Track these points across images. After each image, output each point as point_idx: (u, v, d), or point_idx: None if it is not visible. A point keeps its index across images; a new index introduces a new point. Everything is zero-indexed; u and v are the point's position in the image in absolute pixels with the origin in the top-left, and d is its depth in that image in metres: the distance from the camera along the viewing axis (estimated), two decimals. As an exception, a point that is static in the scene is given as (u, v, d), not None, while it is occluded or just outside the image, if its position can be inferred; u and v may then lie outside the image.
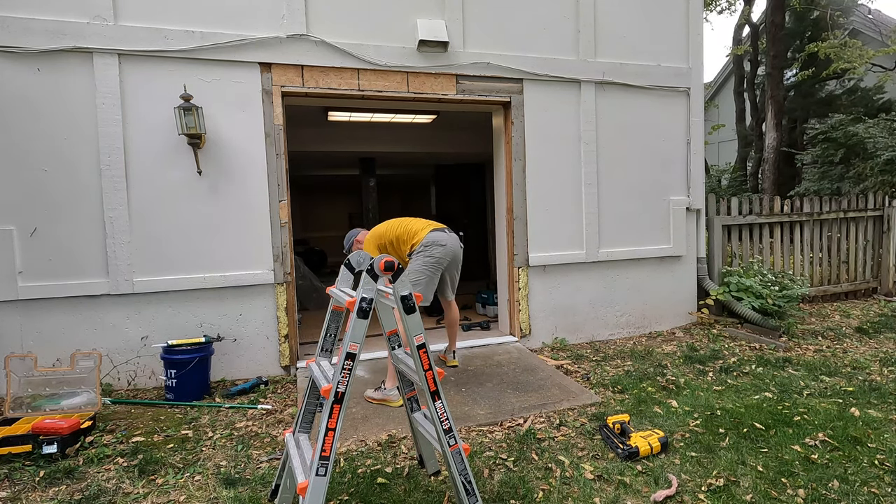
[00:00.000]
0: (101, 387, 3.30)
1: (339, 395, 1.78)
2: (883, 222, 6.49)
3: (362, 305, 1.82)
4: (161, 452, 2.74)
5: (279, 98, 3.95)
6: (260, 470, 2.56)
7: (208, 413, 3.30)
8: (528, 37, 4.54)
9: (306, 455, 1.90)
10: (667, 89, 5.01)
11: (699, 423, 2.94)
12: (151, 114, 3.68)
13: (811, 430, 2.80)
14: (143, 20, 3.64)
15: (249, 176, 3.92)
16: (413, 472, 2.49)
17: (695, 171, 5.17)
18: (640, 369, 3.93)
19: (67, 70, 3.53)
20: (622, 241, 4.95)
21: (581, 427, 2.95)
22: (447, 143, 7.61)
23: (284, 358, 4.05)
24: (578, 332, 4.84)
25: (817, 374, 3.74)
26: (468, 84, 4.41)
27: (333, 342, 2.17)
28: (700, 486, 2.33)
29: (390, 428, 2.96)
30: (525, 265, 4.64)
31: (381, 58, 4.12)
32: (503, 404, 3.26)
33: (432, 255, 3.45)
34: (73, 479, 2.49)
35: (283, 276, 4.00)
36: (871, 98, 11.03)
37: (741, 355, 4.22)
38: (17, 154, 3.48)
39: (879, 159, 7.69)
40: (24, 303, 3.53)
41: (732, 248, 5.66)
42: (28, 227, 3.52)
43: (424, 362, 1.92)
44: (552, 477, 2.43)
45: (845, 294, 6.40)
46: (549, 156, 4.67)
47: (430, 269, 3.45)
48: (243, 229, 3.92)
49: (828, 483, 2.31)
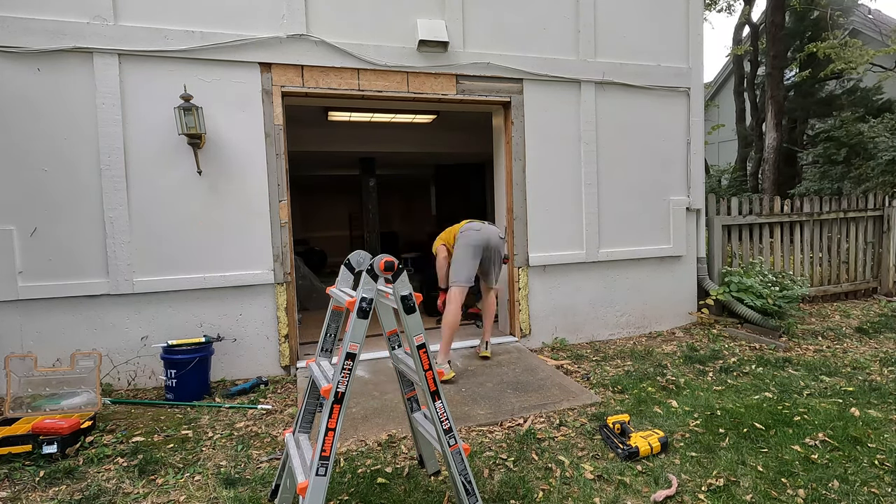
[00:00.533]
0: (101, 387, 3.30)
1: (339, 395, 1.78)
2: (883, 222, 6.49)
3: (362, 305, 1.82)
4: (161, 452, 2.74)
5: (279, 98, 3.95)
6: (260, 470, 2.56)
7: (208, 413, 3.30)
8: (528, 37, 4.54)
9: (306, 455, 1.90)
10: (667, 89, 5.01)
11: (699, 423, 2.94)
12: (151, 114, 3.68)
13: (811, 430, 2.80)
14: (143, 20, 3.64)
15: (249, 176, 3.92)
16: (413, 472, 2.48)
17: (695, 171, 5.17)
18: (640, 369, 3.93)
19: (67, 70, 3.53)
20: (622, 241, 4.95)
21: (581, 427, 2.95)
22: (447, 143, 7.61)
23: (284, 358, 4.05)
24: (578, 332, 4.84)
25: (817, 374, 3.74)
26: (468, 84, 4.41)
27: (333, 342, 2.17)
28: (700, 486, 2.33)
29: (390, 428, 2.96)
30: (525, 265, 4.64)
31: (381, 58, 4.12)
32: (503, 404, 3.26)
33: (467, 239, 3.87)
34: (73, 479, 2.49)
35: (283, 276, 4.00)
36: (870, 98, 11.03)
37: (741, 355, 4.22)
38: (18, 154, 3.48)
39: (881, 160, 7.69)
40: (24, 303, 3.53)
41: (732, 248, 5.65)
42: (28, 227, 3.52)
43: (424, 362, 1.92)
44: (552, 477, 2.43)
45: (845, 294, 6.40)
46: (549, 156, 4.67)
47: (464, 251, 3.85)
48: (243, 229, 3.91)
49: (828, 483, 2.31)
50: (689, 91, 5.09)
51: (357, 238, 12.18)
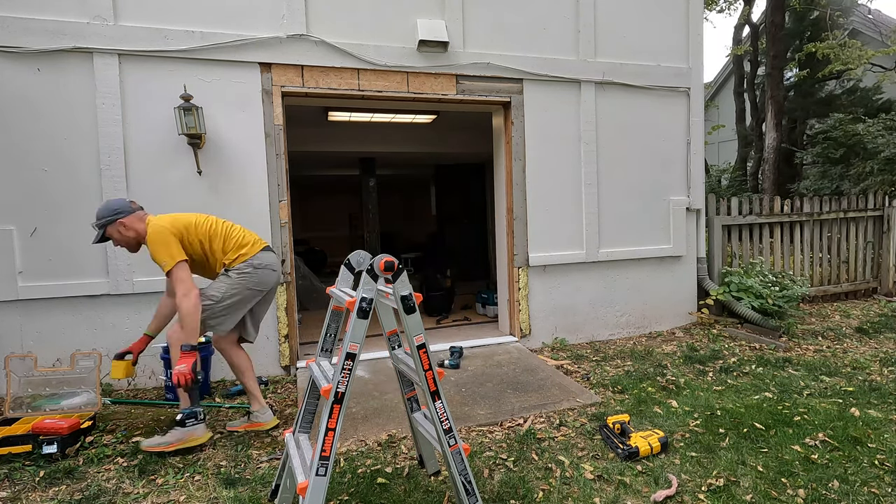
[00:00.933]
0: (101, 387, 3.29)
1: (339, 395, 1.78)
2: (883, 222, 6.49)
3: (362, 305, 1.82)
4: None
5: (279, 98, 3.95)
6: (260, 470, 2.56)
7: (208, 413, 3.30)
8: (528, 37, 4.54)
9: (306, 455, 1.90)
10: (667, 89, 5.01)
11: (699, 423, 2.94)
12: (151, 114, 3.68)
13: (811, 430, 2.80)
14: (144, 20, 3.64)
15: (249, 176, 3.92)
16: (413, 472, 2.48)
17: (695, 171, 5.17)
18: (640, 369, 3.93)
19: (67, 70, 3.53)
20: (622, 241, 4.95)
21: (581, 427, 2.95)
22: (447, 143, 7.60)
23: (284, 358, 4.05)
24: (578, 332, 4.84)
25: (817, 374, 3.74)
26: (468, 84, 4.41)
27: (333, 342, 2.17)
28: (700, 486, 2.33)
29: (390, 428, 2.96)
30: (525, 265, 4.64)
31: (381, 58, 4.12)
32: (503, 404, 3.26)
33: (261, 278, 2.89)
34: (73, 479, 2.49)
35: (283, 276, 4.00)
36: (870, 98, 11.04)
37: (741, 355, 4.22)
38: (18, 154, 3.48)
39: (879, 157, 7.69)
40: (24, 303, 3.53)
41: (732, 248, 5.66)
42: (28, 227, 3.52)
43: (424, 362, 1.92)
44: (552, 477, 2.43)
45: (845, 294, 6.40)
46: (549, 156, 4.67)
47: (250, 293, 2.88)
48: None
49: (828, 483, 2.31)
50: (689, 91, 5.09)
51: (357, 238, 12.17)
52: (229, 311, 2.85)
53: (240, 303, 2.87)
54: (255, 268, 2.87)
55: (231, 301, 2.82)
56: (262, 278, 2.91)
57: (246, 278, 2.84)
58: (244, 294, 2.86)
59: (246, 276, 2.84)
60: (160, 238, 2.64)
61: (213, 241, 2.84)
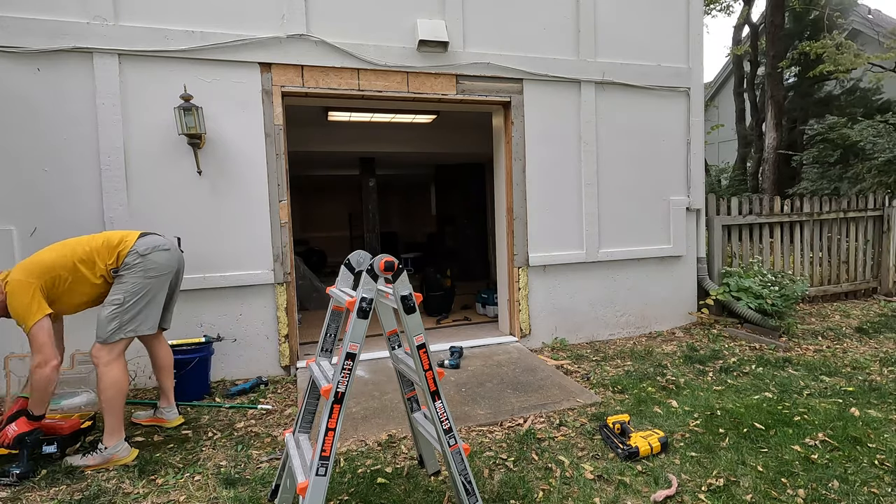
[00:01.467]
0: (100, 387, 3.29)
1: (339, 395, 1.78)
2: (883, 222, 6.49)
3: (362, 305, 1.82)
4: (161, 452, 2.74)
5: (279, 98, 3.95)
6: (260, 470, 2.56)
7: (208, 413, 3.30)
8: (528, 37, 4.54)
9: (306, 455, 1.91)
10: (667, 89, 5.01)
11: (699, 423, 2.94)
12: (151, 114, 3.68)
13: (811, 430, 2.80)
14: (144, 20, 3.64)
15: (249, 176, 3.92)
16: (413, 472, 2.49)
17: (695, 171, 5.17)
18: (640, 369, 3.93)
19: (67, 70, 3.53)
20: (622, 241, 4.95)
21: (581, 427, 2.95)
22: (447, 143, 7.60)
23: (284, 358, 4.05)
24: (578, 332, 4.84)
25: (817, 374, 3.74)
26: (468, 84, 4.41)
27: (333, 342, 2.17)
28: (700, 486, 2.33)
29: (390, 428, 2.96)
30: (525, 265, 4.64)
31: (381, 58, 4.12)
32: (503, 404, 3.26)
33: (156, 262, 2.73)
34: (73, 479, 2.48)
35: (283, 276, 4.00)
36: (869, 98, 11.04)
37: (741, 355, 4.22)
38: (17, 154, 3.48)
39: (876, 160, 7.70)
40: (23, 303, 3.52)
41: (732, 248, 5.66)
42: (28, 227, 3.51)
43: (424, 362, 1.92)
44: (552, 477, 2.43)
45: (845, 294, 6.40)
46: (548, 156, 4.67)
47: (156, 283, 2.73)
48: (243, 229, 3.91)
49: (828, 483, 2.32)
50: (689, 91, 5.09)
51: (357, 238, 12.19)
52: (141, 309, 2.70)
53: (147, 295, 2.72)
54: (140, 255, 2.69)
55: (136, 298, 2.67)
56: (155, 261, 2.73)
57: (137, 269, 2.68)
58: (147, 285, 2.70)
59: (136, 267, 2.68)
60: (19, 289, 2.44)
61: (96, 256, 2.66)
